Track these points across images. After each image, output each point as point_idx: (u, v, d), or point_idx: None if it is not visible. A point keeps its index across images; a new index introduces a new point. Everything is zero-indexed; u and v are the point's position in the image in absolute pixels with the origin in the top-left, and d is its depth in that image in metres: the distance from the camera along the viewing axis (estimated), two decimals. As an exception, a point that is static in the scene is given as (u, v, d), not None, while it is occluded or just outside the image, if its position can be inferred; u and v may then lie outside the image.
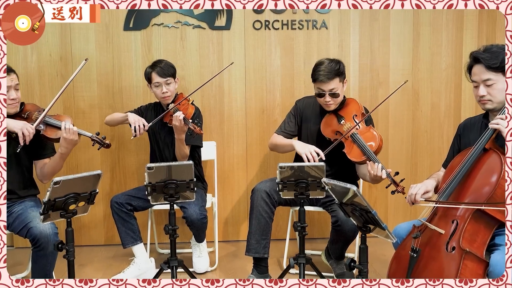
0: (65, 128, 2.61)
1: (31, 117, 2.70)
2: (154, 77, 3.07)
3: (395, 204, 3.91)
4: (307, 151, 2.75)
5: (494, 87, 2.09)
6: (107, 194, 3.66)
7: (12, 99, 2.62)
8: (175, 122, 2.85)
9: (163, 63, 3.11)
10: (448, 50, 3.78)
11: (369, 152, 2.67)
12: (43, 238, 2.42)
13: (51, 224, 2.45)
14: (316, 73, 2.82)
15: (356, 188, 1.81)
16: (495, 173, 1.98)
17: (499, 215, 1.97)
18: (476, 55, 2.13)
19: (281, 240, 3.43)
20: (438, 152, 3.86)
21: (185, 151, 3.04)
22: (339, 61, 2.87)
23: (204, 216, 2.98)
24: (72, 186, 2.05)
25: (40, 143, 2.72)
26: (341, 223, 2.74)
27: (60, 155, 2.68)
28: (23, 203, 2.67)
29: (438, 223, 2.06)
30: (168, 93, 3.08)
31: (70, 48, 3.59)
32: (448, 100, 3.83)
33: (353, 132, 2.77)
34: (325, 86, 2.80)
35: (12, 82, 2.60)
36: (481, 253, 1.94)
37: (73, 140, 2.64)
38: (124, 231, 3.05)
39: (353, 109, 2.89)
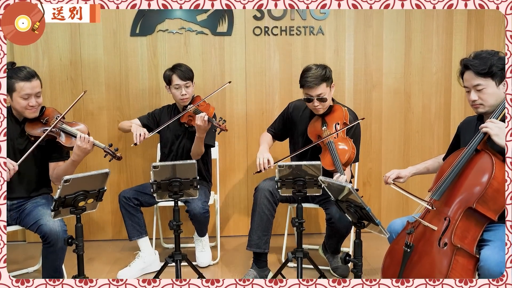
0: (80, 137, 2.56)
1: (49, 122, 2.66)
2: (175, 79, 3.07)
3: (388, 201, 3.90)
4: (261, 157, 2.76)
5: (484, 91, 2.07)
6: (114, 192, 3.64)
7: (31, 106, 2.57)
8: (199, 122, 2.85)
9: (183, 67, 3.11)
10: (438, 55, 3.77)
11: (338, 163, 2.61)
12: (52, 235, 2.41)
13: (60, 222, 2.44)
14: (303, 79, 2.76)
15: (351, 186, 1.80)
16: (486, 173, 1.96)
17: (489, 213, 1.96)
18: (466, 62, 2.11)
19: (279, 235, 3.41)
20: (429, 151, 3.85)
21: (202, 149, 3.08)
22: (325, 66, 2.79)
23: (206, 211, 2.98)
24: (81, 184, 2.05)
25: (55, 146, 2.68)
26: (334, 220, 2.74)
27: (72, 162, 2.63)
28: (35, 201, 2.66)
29: (431, 220, 2.05)
30: (186, 95, 3.09)
31: (79, 53, 3.57)
32: (438, 102, 3.82)
33: (330, 140, 2.72)
34: (313, 92, 2.74)
35: (33, 90, 2.54)
36: (471, 249, 1.93)
37: (87, 149, 2.58)
38: (130, 224, 3.04)
39: (338, 117, 2.81)
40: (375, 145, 3.83)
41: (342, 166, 2.61)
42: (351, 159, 2.70)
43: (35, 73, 2.57)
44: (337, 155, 2.64)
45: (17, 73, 2.52)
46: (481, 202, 1.94)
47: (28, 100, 2.55)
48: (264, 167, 2.73)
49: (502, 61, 2.06)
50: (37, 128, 2.64)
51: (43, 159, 2.71)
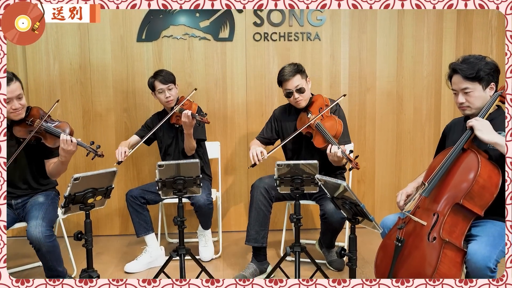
0: (62, 140, 2.46)
1: (33, 124, 2.56)
2: (157, 85, 3.10)
3: (381, 198, 3.91)
4: (253, 151, 2.79)
5: (471, 94, 2.08)
6: (122, 189, 3.66)
7: (14, 109, 2.48)
8: (184, 119, 2.88)
9: (163, 72, 3.14)
10: (429, 60, 3.78)
11: (329, 137, 2.67)
12: (34, 241, 2.36)
13: (43, 228, 2.37)
14: (280, 76, 2.86)
15: (346, 184, 1.81)
16: (472, 171, 1.97)
17: (476, 209, 1.97)
18: (454, 66, 2.12)
19: (278, 231, 3.43)
20: (420, 151, 3.86)
21: (193, 144, 3.10)
22: (297, 63, 2.89)
23: (210, 203, 3.00)
24: (90, 182, 2.05)
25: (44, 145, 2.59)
26: (328, 215, 2.74)
27: (60, 162, 2.55)
28: (35, 198, 2.62)
29: (421, 215, 2.05)
30: (171, 97, 3.11)
31: (88, 58, 3.58)
32: (429, 104, 3.83)
33: (317, 122, 2.77)
34: (290, 84, 2.82)
35: (13, 93, 2.42)
36: (459, 243, 1.94)
37: (71, 150, 2.49)
38: (137, 222, 3.05)
39: (319, 103, 2.89)
40: (369, 145, 3.84)
41: (334, 139, 2.66)
42: (340, 131, 2.75)
43: (12, 75, 2.45)
44: (326, 130, 2.71)
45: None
46: (468, 198, 1.96)
47: (10, 104, 2.45)
48: (258, 159, 2.75)
49: (489, 66, 2.08)
50: (23, 129, 2.56)
51: (37, 158, 2.66)
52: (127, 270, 2.98)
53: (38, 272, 2.97)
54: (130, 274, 2.97)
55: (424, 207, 2.08)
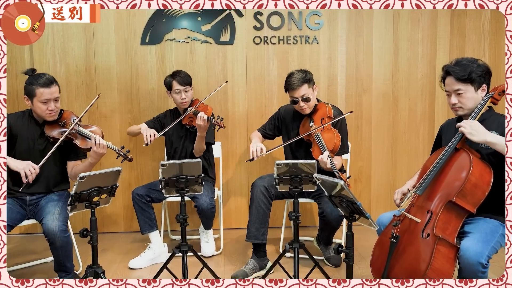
0: (96, 143, 2.56)
1: (66, 125, 2.66)
2: (175, 85, 3.11)
3: (377, 196, 3.91)
4: (254, 146, 2.78)
5: (464, 96, 2.09)
6: (126, 188, 3.67)
7: (50, 110, 2.58)
8: (200, 122, 2.90)
9: (182, 73, 3.14)
10: (424, 62, 3.79)
11: (325, 150, 2.67)
12: (50, 234, 2.39)
13: (60, 222, 2.41)
14: (287, 84, 2.83)
15: (344, 182, 1.81)
16: (465, 169, 1.98)
17: (468, 206, 1.98)
18: (447, 68, 2.13)
19: (277, 228, 3.43)
20: (415, 151, 3.86)
21: (204, 146, 3.12)
22: (306, 71, 2.85)
23: (213, 206, 3.00)
24: (96, 181, 2.06)
25: (72, 147, 2.69)
26: (326, 214, 2.75)
27: (89, 163, 2.64)
28: (49, 196, 2.65)
29: (415, 213, 2.06)
30: (186, 99, 3.12)
31: (94, 60, 3.59)
32: (424, 106, 3.83)
33: (317, 133, 2.77)
34: (297, 93, 2.80)
35: (52, 95, 2.55)
36: (452, 239, 1.95)
37: (103, 153, 2.59)
38: (143, 219, 3.06)
39: (322, 113, 2.87)
40: (365, 145, 3.84)
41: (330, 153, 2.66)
42: (337, 146, 2.75)
43: (53, 79, 2.58)
44: (324, 142, 2.71)
45: (37, 79, 2.54)
46: (461, 196, 1.97)
47: (47, 105, 2.56)
48: (257, 155, 2.75)
49: (480, 68, 2.09)
50: (56, 130, 2.64)
51: (61, 159, 2.72)
52: (131, 266, 2.99)
53: (44, 269, 2.98)
54: (134, 270, 2.98)
55: (418, 205, 2.09)
